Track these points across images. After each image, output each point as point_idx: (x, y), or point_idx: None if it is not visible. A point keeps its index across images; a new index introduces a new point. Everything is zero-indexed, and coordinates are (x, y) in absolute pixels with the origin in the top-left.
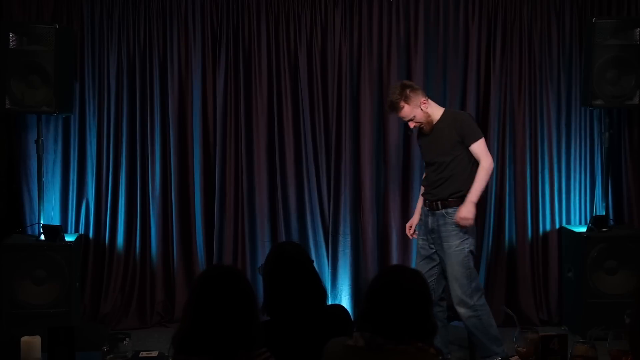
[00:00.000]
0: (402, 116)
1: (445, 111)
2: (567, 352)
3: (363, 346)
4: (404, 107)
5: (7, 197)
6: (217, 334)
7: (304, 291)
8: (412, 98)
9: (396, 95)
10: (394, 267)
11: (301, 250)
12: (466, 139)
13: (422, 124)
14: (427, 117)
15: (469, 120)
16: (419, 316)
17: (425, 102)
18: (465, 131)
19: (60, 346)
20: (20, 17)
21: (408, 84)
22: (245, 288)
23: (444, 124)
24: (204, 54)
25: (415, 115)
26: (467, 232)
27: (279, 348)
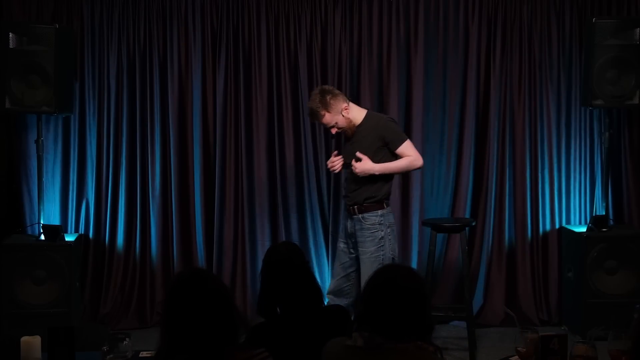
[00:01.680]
0: (323, 123)
1: (367, 114)
2: (567, 352)
3: (362, 346)
4: (324, 115)
5: (7, 197)
6: (195, 338)
7: (297, 291)
8: (333, 105)
9: (316, 103)
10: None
11: (295, 250)
12: (391, 145)
13: (345, 129)
14: (349, 123)
15: (392, 124)
16: (416, 314)
17: (346, 108)
18: (389, 137)
19: (60, 346)
20: (20, 17)
21: (328, 90)
22: (214, 287)
23: (366, 127)
24: (204, 54)
25: (337, 122)
26: (383, 238)
27: (280, 349)
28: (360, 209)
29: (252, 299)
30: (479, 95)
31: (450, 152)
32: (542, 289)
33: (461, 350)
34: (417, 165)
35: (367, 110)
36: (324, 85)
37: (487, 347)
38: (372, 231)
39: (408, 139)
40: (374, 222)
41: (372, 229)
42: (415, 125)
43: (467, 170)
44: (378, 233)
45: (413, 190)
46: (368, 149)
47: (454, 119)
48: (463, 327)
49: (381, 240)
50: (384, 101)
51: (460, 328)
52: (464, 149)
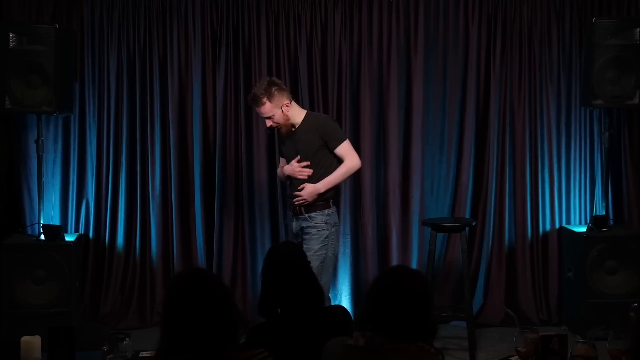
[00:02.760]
0: (261, 112)
1: (307, 114)
2: (567, 352)
3: (364, 345)
4: (265, 103)
5: (7, 197)
6: (196, 337)
7: (298, 291)
8: (276, 97)
9: (261, 90)
10: (397, 268)
11: (297, 250)
12: (330, 143)
13: (280, 126)
14: (285, 120)
15: (331, 123)
16: (420, 316)
17: (288, 105)
18: (328, 135)
19: (60, 346)
20: (20, 17)
21: (276, 82)
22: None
23: (306, 127)
24: (204, 54)
25: (274, 115)
26: (327, 237)
27: (280, 349)
28: (307, 209)
29: (252, 299)
30: (479, 95)
31: (450, 152)
32: (542, 289)
33: (461, 350)
34: (356, 169)
35: (307, 111)
36: (274, 78)
37: (487, 347)
38: (318, 229)
39: (347, 140)
40: (320, 221)
41: (318, 227)
42: (415, 125)
43: (467, 170)
44: (323, 232)
45: (413, 190)
46: (309, 148)
47: (454, 119)
48: (463, 327)
49: (326, 239)
50: (384, 101)
51: (460, 328)
52: (464, 149)
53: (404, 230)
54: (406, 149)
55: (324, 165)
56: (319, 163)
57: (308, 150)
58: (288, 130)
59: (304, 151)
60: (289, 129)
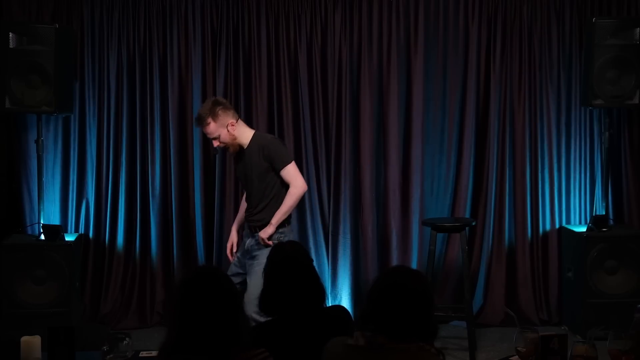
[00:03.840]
0: (206, 132)
1: (254, 135)
2: (567, 352)
3: (364, 345)
4: (210, 123)
5: (7, 197)
6: (207, 335)
7: (301, 290)
8: (220, 117)
9: (206, 110)
10: (398, 268)
11: (300, 249)
12: (275, 165)
13: (227, 145)
14: (232, 139)
15: (276, 144)
16: (421, 316)
17: (233, 125)
18: (272, 157)
19: (60, 346)
20: (20, 17)
21: (221, 102)
22: (226, 286)
23: (252, 149)
24: (204, 54)
25: (220, 135)
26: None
27: (280, 349)
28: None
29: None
30: (479, 95)
31: (450, 152)
32: (542, 289)
33: (461, 350)
34: (302, 194)
35: (254, 131)
36: (220, 97)
37: (487, 347)
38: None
39: (293, 162)
40: (274, 239)
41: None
42: (415, 125)
43: (467, 170)
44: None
45: (413, 190)
46: (256, 170)
47: (454, 119)
48: (463, 327)
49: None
50: (384, 101)
51: (460, 328)
52: (464, 149)
53: (404, 230)
54: (406, 149)
55: (275, 188)
56: (270, 185)
57: (255, 172)
58: (235, 149)
59: (252, 173)
60: (236, 149)
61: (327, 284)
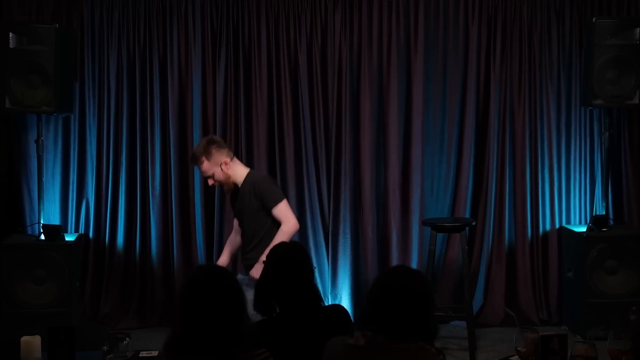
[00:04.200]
0: (201, 170)
1: (248, 173)
2: (567, 352)
3: (364, 345)
4: (204, 162)
5: (7, 197)
6: (211, 334)
7: (298, 288)
8: (214, 156)
9: (200, 149)
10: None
11: (298, 248)
12: (266, 204)
13: (222, 184)
14: (226, 178)
15: (267, 183)
16: (421, 316)
17: (227, 163)
18: (264, 196)
19: (60, 346)
20: (20, 17)
21: (215, 141)
22: (232, 286)
23: (245, 188)
24: (204, 54)
25: (214, 174)
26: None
27: (279, 347)
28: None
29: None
30: (479, 95)
31: (450, 152)
32: (542, 289)
33: (461, 350)
34: (293, 233)
35: (249, 170)
36: (215, 136)
37: (487, 347)
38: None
39: (284, 200)
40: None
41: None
42: (415, 125)
43: (467, 170)
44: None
45: (413, 190)
46: (249, 209)
47: (454, 119)
48: (463, 327)
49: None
50: (384, 101)
51: (460, 328)
52: (464, 149)
53: (404, 230)
54: (406, 149)
55: (264, 226)
56: (259, 224)
57: (247, 211)
58: (230, 188)
59: (245, 211)
60: (230, 187)
61: (327, 284)
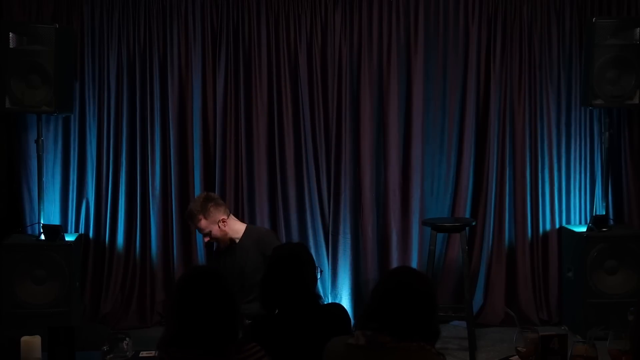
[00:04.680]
0: (198, 228)
1: (247, 229)
2: (567, 352)
3: (364, 344)
4: (201, 219)
5: (7, 197)
6: (203, 331)
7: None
8: (212, 213)
9: (197, 206)
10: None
11: (302, 247)
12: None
13: (218, 241)
14: (223, 235)
15: (272, 237)
16: (425, 318)
17: (224, 220)
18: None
19: (60, 346)
20: (20, 17)
21: (213, 198)
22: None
23: (247, 244)
24: (204, 54)
25: (212, 231)
26: None
27: (277, 346)
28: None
29: None
30: (479, 95)
31: (450, 152)
32: (542, 289)
33: (461, 350)
34: None
35: (246, 225)
36: (211, 193)
37: (487, 347)
38: None
39: None
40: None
41: None
42: (415, 125)
43: (467, 170)
44: None
45: (413, 190)
46: (252, 265)
47: (454, 119)
48: (463, 327)
49: None
50: (384, 101)
51: (460, 328)
52: (464, 149)
53: (404, 230)
54: (406, 149)
55: None
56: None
57: (251, 268)
58: (226, 245)
59: (248, 268)
60: (226, 244)
61: (327, 284)
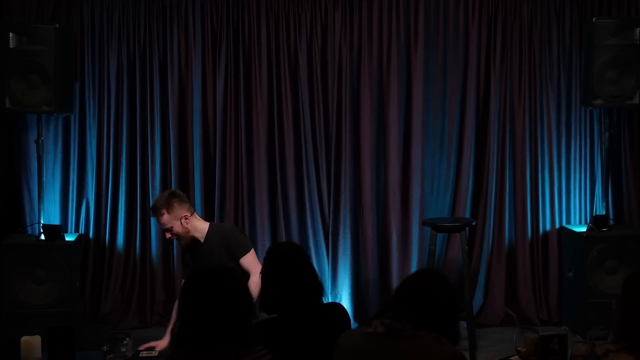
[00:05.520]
0: (160, 223)
1: (210, 226)
2: (567, 352)
3: (383, 332)
4: (164, 214)
5: (7, 197)
6: (207, 332)
7: (298, 287)
8: (175, 209)
9: (161, 201)
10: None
11: (299, 248)
12: (235, 254)
13: (179, 238)
14: (185, 232)
15: (236, 233)
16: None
17: (187, 218)
18: (234, 246)
19: (60, 346)
20: (20, 17)
21: (177, 194)
22: (232, 287)
23: (212, 241)
24: (204, 54)
25: (173, 227)
26: None
27: (277, 346)
28: None
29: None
30: (479, 95)
31: (450, 152)
32: (542, 289)
33: (461, 350)
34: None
35: (209, 223)
36: (177, 190)
37: (487, 347)
38: None
39: (252, 249)
40: None
41: None
42: (415, 125)
43: (467, 170)
44: None
45: (413, 190)
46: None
47: (454, 119)
48: (463, 327)
49: None
50: (384, 101)
51: (461, 328)
52: (464, 149)
53: (404, 230)
54: (406, 149)
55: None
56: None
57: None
58: (187, 243)
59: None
60: (188, 242)
61: (327, 284)
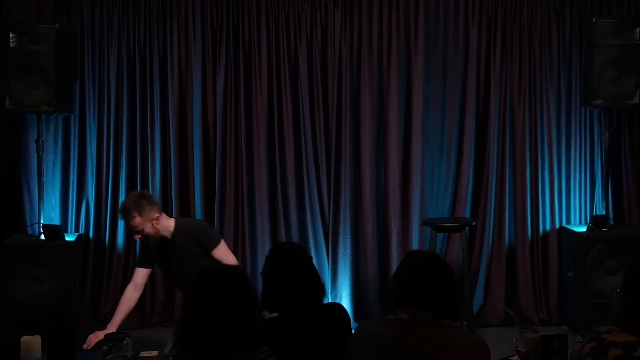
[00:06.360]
0: (131, 225)
1: (176, 223)
2: (567, 352)
3: (407, 319)
4: (135, 217)
5: (7, 197)
6: (212, 333)
7: (300, 286)
8: (146, 211)
9: (131, 203)
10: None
11: (299, 248)
12: (206, 247)
13: (149, 238)
14: (155, 233)
15: (203, 227)
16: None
17: (157, 218)
18: (203, 240)
19: (60, 346)
20: (20, 17)
21: (147, 196)
22: (237, 287)
23: (180, 237)
24: (204, 54)
25: (145, 228)
26: None
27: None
28: None
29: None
30: (479, 95)
31: (450, 152)
32: (542, 289)
33: None
34: None
35: (175, 219)
36: (145, 191)
37: None
38: None
39: (222, 241)
40: None
41: None
42: (415, 125)
43: (467, 170)
44: None
45: (413, 190)
46: (187, 255)
47: (454, 119)
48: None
49: None
50: (384, 101)
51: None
52: (464, 149)
53: (404, 230)
54: (406, 149)
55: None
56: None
57: (186, 258)
58: (156, 242)
59: (184, 260)
60: (156, 240)
61: (327, 284)
